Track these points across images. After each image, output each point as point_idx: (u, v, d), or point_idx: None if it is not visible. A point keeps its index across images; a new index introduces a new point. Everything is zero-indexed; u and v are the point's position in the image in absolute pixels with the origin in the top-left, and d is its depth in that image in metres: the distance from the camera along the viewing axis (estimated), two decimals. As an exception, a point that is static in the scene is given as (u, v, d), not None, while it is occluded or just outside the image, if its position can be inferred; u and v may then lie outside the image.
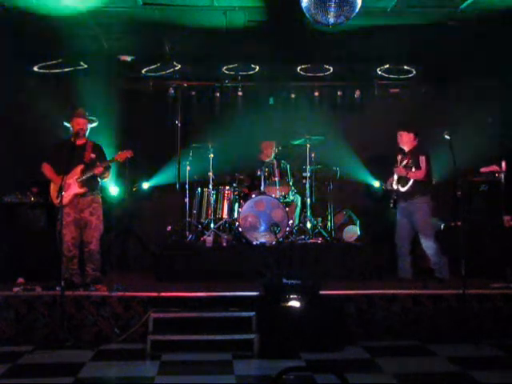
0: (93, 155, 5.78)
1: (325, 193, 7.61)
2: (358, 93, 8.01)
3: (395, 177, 6.34)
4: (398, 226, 6.41)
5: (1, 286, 5.55)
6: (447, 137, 5.48)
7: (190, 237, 7.09)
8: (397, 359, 4.80)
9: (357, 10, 4.52)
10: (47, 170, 5.75)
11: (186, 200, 7.33)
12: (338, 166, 7.51)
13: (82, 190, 5.69)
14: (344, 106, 8.08)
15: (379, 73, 7.74)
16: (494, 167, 6.95)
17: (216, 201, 7.27)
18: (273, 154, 7.60)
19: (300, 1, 4.51)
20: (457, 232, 6.56)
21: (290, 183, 7.25)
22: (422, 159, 6.14)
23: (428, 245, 6.22)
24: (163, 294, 5.38)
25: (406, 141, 6.34)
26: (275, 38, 6.42)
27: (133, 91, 7.93)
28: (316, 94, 8.02)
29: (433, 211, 6.30)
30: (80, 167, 5.69)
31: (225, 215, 7.19)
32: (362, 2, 4.54)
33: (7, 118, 7.67)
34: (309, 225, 7.08)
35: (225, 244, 6.85)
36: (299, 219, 7.38)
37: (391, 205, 6.42)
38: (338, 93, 8.01)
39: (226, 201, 7.26)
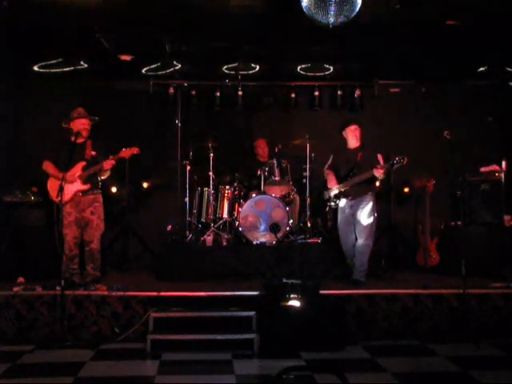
0: (93, 152, 5.78)
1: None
2: (358, 93, 8.01)
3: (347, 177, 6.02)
4: (344, 228, 6.15)
5: (1, 285, 5.55)
6: (447, 137, 5.47)
7: (190, 236, 7.09)
8: (397, 359, 4.81)
9: (357, 9, 4.51)
10: (49, 167, 5.76)
11: (186, 200, 7.33)
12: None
13: (85, 187, 5.69)
14: (344, 105, 8.08)
15: (379, 73, 7.73)
16: (494, 167, 6.94)
17: (216, 200, 7.27)
18: (266, 152, 7.62)
19: (300, 0, 4.51)
20: (457, 232, 6.58)
21: (290, 183, 7.26)
22: (380, 157, 5.96)
23: (366, 243, 5.97)
24: (163, 293, 5.39)
25: (359, 137, 6.13)
26: (275, 37, 6.41)
27: (133, 91, 7.94)
28: (316, 93, 8.02)
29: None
30: (81, 164, 5.70)
31: (225, 215, 7.18)
32: (362, 2, 4.54)
33: (7, 117, 7.68)
34: (309, 225, 7.08)
35: (225, 244, 6.85)
36: (299, 219, 7.37)
37: (333, 204, 6.14)
38: (338, 92, 8.00)
39: (225, 200, 7.25)
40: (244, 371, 4.48)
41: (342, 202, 6.13)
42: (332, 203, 6.17)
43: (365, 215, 5.99)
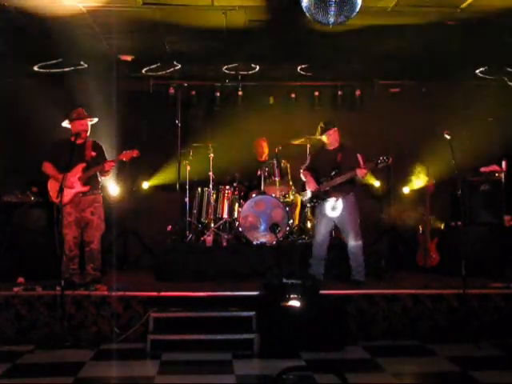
0: (93, 153, 5.77)
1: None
2: (358, 93, 8.01)
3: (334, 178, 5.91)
4: (324, 229, 6.03)
5: (1, 285, 5.54)
6: (447, 137, 5.47)
7: (190, 236, 7.10)
8: (397, 359, 4.81)
9: (357, 9, 4.52)
10: (49, 168, 5.75)
11: (186, 200, 7.34)
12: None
13: (85, 189, 5.69)
14: (344, 105, 8.08)
15: (379, 73, 7.74)
16: (494, 167, 6.95)
17: (216, 200, 7.28)
18: (266, 152, 7.62)
19: (300, 0, 4.51)
20: (457, 232, 6.58)
21: (290, 183, 7.26)
22: (360, 157, 5.87)
23: (357, 244, 5.94)
24: (163, 293, 5.39)
25: (338, 138, 6.08)
26: (275, 37, 6.42)
27: (133, 91, 7.94)
28: (316, 93, 8.02)
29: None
30: (81, 165, 5.69)
31: (225, 215, 7.20)
32: (362, 2, 4.54)
33: (7, 117, 7.68)
34: (309, 225, 7.08)
35: (225, 244, 6.86)
36: (299, 219, 7.38)
37: (313, 205, 6.05)
38: (339, 92, 8.00)
39: (225, 201, 7.26)
40: (244, 371, 4.47)
41: (323, 203, 6.03)
42: (312, 204, 6.10)
43: (349, 215, 5.94)
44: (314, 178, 6.11)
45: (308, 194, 6.15)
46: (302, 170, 6.34)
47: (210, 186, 7.24)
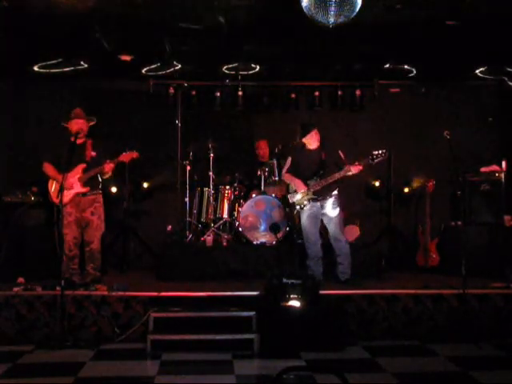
0: (93, 153, 5.77)
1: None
2: (358, 93, 8.01)
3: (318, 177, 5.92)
4: (313, 228, 6.06)
5: (1, 285, 5.55)
6: (447, 137, 5.47)
7: (190, 236, 7.10)
8: (397, 359, 4.81)
9: (357, 9, 4.51)
10: (49, 168, 5.74)
11: (186, 200, 7.34)
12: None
13: (84, 190, 5.68)
14: (344, 105, 8.08)
15: (379, 73, 7.73)
16: (494, 167, 6.95)
17: (216, 200, 7.28)
18: (267, 153, 7.63)
19: (300, 0, 4.51)
20: (457, 232, 6.58)
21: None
22: (342, 154, 5.98)
23: (345, 241, 6.01)
24: (163, 293, 5.39)
25: (319, 138, 6.08)
26: (275, 37, 6.42)
27: (133, 91, 7.94)
28: (316, 93, 8.02)
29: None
30: (81, 166, 5.68)
31: (225, 215, 7.20)
32: (363, 2, 4.54)
33: (7, 117, 7.68)
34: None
35: (225, 244, 6.86)
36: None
37: (303, 206, 6.00)
38: (338, 92, 8.00)
39: (226, 201, 7.26)
40: (244, 371, 4.47)
41: (313, 203, 6.01)
42: (303, 206, 6.06)
43: (336, 213, 5.98)
44: (300, 179, 6.07)
45: (297, 195, 6.10)
46: (284, 173, 6.32)
47: (210, 186, 7.24)
